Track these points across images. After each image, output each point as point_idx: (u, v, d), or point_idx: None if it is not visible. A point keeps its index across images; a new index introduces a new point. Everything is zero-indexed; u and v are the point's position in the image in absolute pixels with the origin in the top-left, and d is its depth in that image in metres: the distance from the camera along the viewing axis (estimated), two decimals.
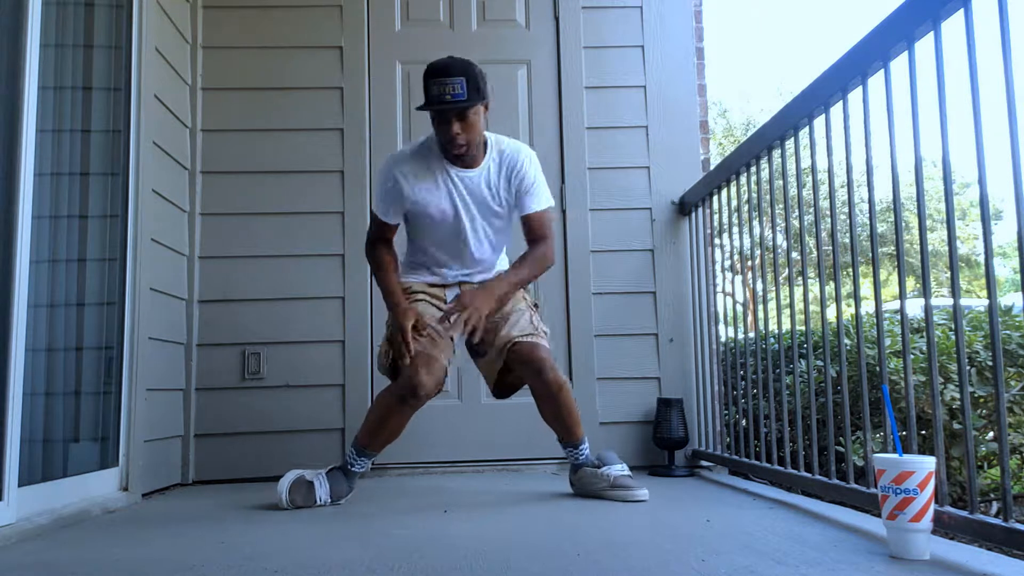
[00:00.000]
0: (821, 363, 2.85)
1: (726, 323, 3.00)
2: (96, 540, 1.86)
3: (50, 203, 2.18)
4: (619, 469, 2.32)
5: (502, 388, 2.46)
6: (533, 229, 2.39)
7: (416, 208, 2.36)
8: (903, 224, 1.79)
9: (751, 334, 3.16)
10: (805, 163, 13.49)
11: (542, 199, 2.39)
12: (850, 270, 2.39)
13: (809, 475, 2.10)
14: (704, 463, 3.06)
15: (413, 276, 2.47)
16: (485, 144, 2.35)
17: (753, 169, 2.52)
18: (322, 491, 2.28)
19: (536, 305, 2.50)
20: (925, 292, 1.65)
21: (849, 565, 1.41)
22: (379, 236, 2.46)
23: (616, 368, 3.15)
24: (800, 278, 2.20)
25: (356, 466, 2.35)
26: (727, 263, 3.11)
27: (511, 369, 2.37)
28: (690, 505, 2.20)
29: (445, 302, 2.41)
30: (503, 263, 2.56)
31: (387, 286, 2.37)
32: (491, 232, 2.42)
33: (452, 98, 2.15)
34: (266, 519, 2.10)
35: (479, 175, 2.34)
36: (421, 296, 2.42)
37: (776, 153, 2.33)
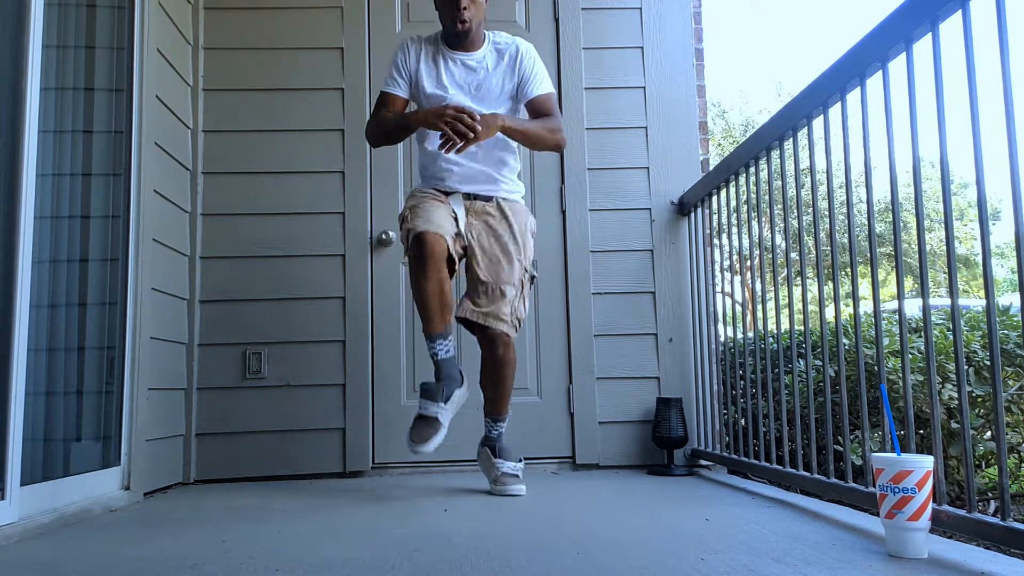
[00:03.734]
0: (820, 363, 2.86)
1: (725, 323, 3.01)
2: (98, 539, 1.87)
3: (52, 203, 2.18)
4: (508, 467, 2.50)
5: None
6: (540, 112, 2.50)
7: (420, 86, 2.47)
8: (901, 224, 1.80)
9: (750, 334, 3.17)
10: (804, 164, 13.49)
11: (545, 84, 2.52)
12: (848, 270, 2.39)
13: (808, 474, 2.11)
14: (703, 462, 3.07)
15: (423, 184, 2.55)
16: (483, 35, 2.50)
17: (752, 170, 2.53)
18: (448, 412, 2.34)
19: (533, 278, 2.57)
20: (923, 292, 1.66)
21: (847, 564, 1.42)
22: (380, 115, 2.50)
23: (616, 368, 3.16)
24: (799, 278, 2.21)
25: (441, 352, 2.35)
26: (726, 263, 3.12)
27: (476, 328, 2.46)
28: (689, 504, 2.21)
29: (451, 210, 2.44)
30: (512, 183, 2.58)
31: (394, 122, 2.45)
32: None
33: None
34: (267, 518, 2.11)
35: (479, 59, 2.48)
36: (430, 195, 2.45)
37: (775, 154, 2.34)
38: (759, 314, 2.48)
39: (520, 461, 2.57)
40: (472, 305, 2.43)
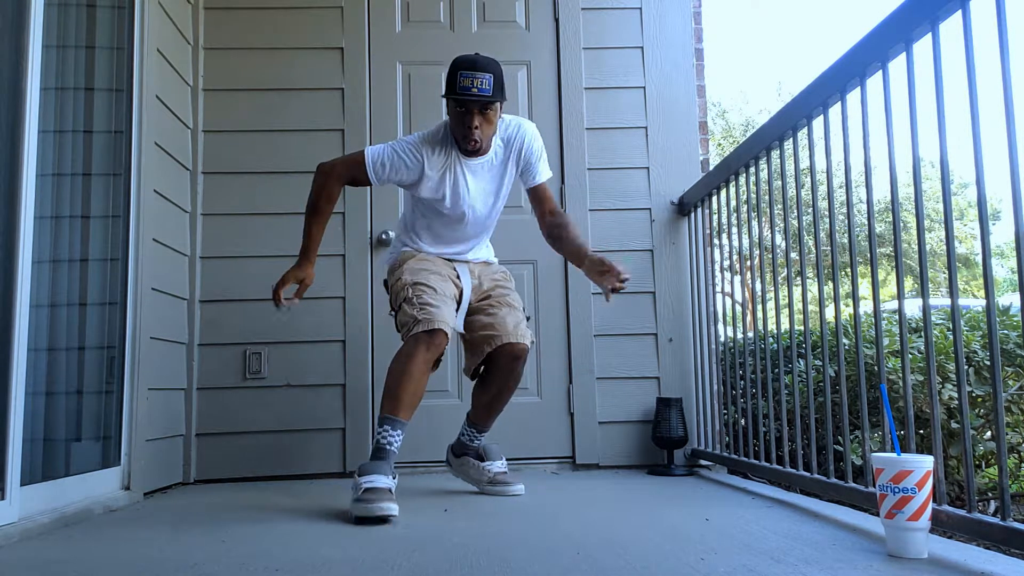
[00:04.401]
0: (820, 363, 2.86)
1: (725, 323, 3.01)
2: (98, 539, 1.87)
3: (52, 203, 2.18)
4: (499, 466, 2.51)
5: (475, 371, 2.51)
6: (547, 198, 2.50)
7: (427, 186, 2.36)
8: (901, 224, 1.80)
9: (750, 334, 3.17)
10: (804, 164, 13.49)
11: (547, 168, 2.51)
12: (848, 270, 2.40)
13: (808, 474, 2.11)
14: (703, 462, 3.07)
15: (414, 245, 2.48)
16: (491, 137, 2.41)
17: (752, 170, 2.53)
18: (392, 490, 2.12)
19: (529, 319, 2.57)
20: (923, 292, 1.66)
21: (847, 564, 1.42)
22: (343, 179, 2.37)
23: (615, 368, 3.16)
24: (799, 278, 2.21)
25: (393, 444, 2.17)
26: (726, 263, 3.12)
27: (488, 359, 2.43)
28: (689, 504, 2.21)
29: (456, 275, 2.44)
30: (492, 252, 2.65)
31: (311, 235, 2.36)
32: (491, 214, 2.50)
33: (479, 92, 2.23)
34: (267, 518, 2.11)
35: (486, 162, 2.41)
36: (439, 267, 2.41)
37: (775, 154, 2.34)
38: (759, 314, 2.48)
39: (503, 459, 2.56)
40: (504, 332, 2.38)
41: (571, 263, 2.48)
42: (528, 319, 2.52)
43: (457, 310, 2.38)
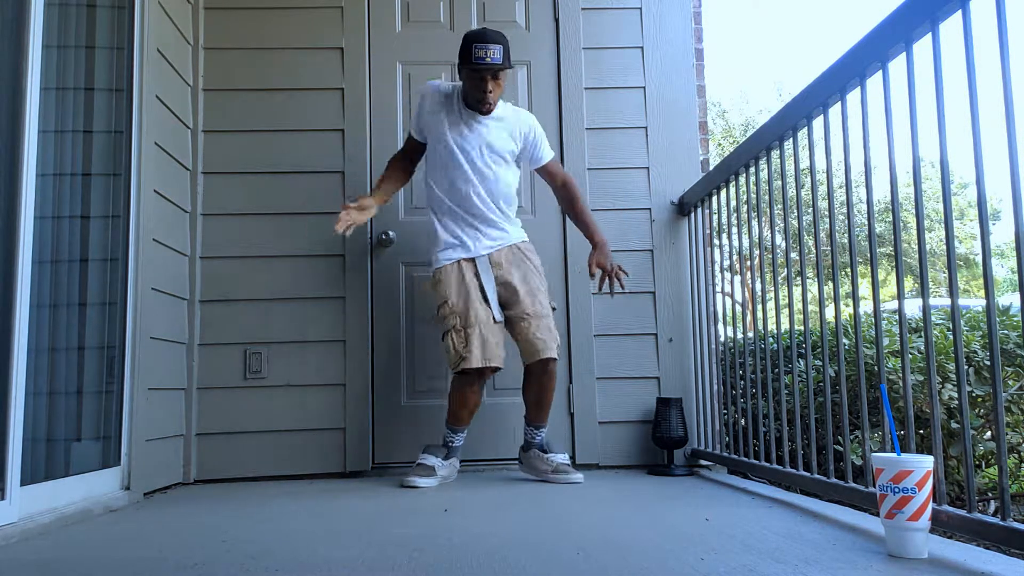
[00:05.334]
0: (820, 363, 2.86)
1: (725, 323, 3.01)
2: (98, 539, 1.87)
3: (52, 203, 2.18)
4: (561, 458, 2.78)
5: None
6: (555, 172, 2.91)
7: (435, 133, 2.76)
8: (901, 224, 1.80)
9: (750, 334, 3.17)
10: (804, 164, 13.49)
11: (549, 150, 2.89)
12: (848, 270, 2.40)
13: (808, 474, 2.11)
14: (703, 462, 3.07)
15: (444, 254, 2.77)
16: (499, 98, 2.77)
17: (752, 170, 2.53)
18: (444, 470, 2.74)
19: (554, 309, 2.88)
20: (923, 292, 1.66)
21: (847, 564, 1.42)
22: (405, 149, 2.91)
23: (616, 368, 3.16)
24: (799, 278, 2.21)
25: (456, 441, 2.80)
26: (726, 263, 3.12)
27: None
28: (689, 504, 2.21)
29: (476, 272, 2.75)
30: (517, 229, 2.87)
31: (381, 180, 2.85)
32: (496, 175, 2.76)
33: (491, 61, 2.60)
34: (267, 518, 2.11)
35: (489, 119, 2.76)
36: (471, 290, 2.71)
37: (775, 154, 2.34)
38: (759, 314, 2.48)
39: (566, 452, 2.89)
40: (533, 351, 2.71)
41: None
42: (554, 309, 2.83)
43: (489, 305, 2.72)
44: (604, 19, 3.35)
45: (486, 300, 2.71)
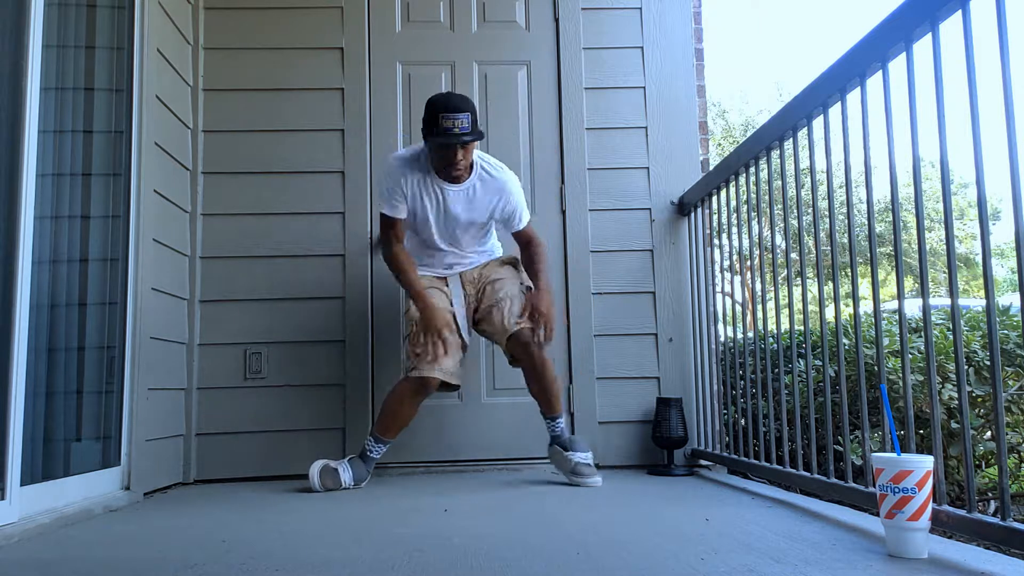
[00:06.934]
0: (820, 363, 2.86)
1: (725, 323, 3.01)
2: (98, 539, 1.87)
3: (52, 203, 2.18)
4: (582, 457, 2.66)
5: (511, 359, 2.77)
6: (527, 238, 2.78)
7: (413, 210, 2.65)
8: (901, 224, 1.80)
9: (750, 334, 3.17)
10: (804, 164, 13.48)
11: (526, 214, 2.76)
12: (848, 270, 2.40)
13: (808, 474, 2.11)
14: (703, 462, 3.07)
15: (422, 260, 2.77)
16: (471, 163, 2.63)
17: (752, 170, 2.53)
18: (347, 476, 2.60)
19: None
20: (923, 292, 1.66)
21: (847, 564, 1.42)
22: (392, 237, 2.68)
23: (616, 368, 3.16)
24: (799, 278, 2.21)
25: (373, 452, 2.67)
26: (726, 263, 3.12)
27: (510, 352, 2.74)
28: (689, 504, 2.21)
29: (448, 290, 2.75)
30: (494, 246, 2.89)
31: (413, 288, 2.65)
32: (469, 236, 2.73)
33: (460, 131, 2.45)
34: (267, 518, 2.11)
35: (463, 190, 2.63)
36: (433, 289, 2.69)
37: (775, 154, 2.34)
38: (759, 314, 2.48)
39: (590, 451, 2.72)
40: (499, 331, 2.66)
41: None
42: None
43: (457, 324, 2.66)
44: (604, 19, 3.35)
45: (455, 319, 2.66)
